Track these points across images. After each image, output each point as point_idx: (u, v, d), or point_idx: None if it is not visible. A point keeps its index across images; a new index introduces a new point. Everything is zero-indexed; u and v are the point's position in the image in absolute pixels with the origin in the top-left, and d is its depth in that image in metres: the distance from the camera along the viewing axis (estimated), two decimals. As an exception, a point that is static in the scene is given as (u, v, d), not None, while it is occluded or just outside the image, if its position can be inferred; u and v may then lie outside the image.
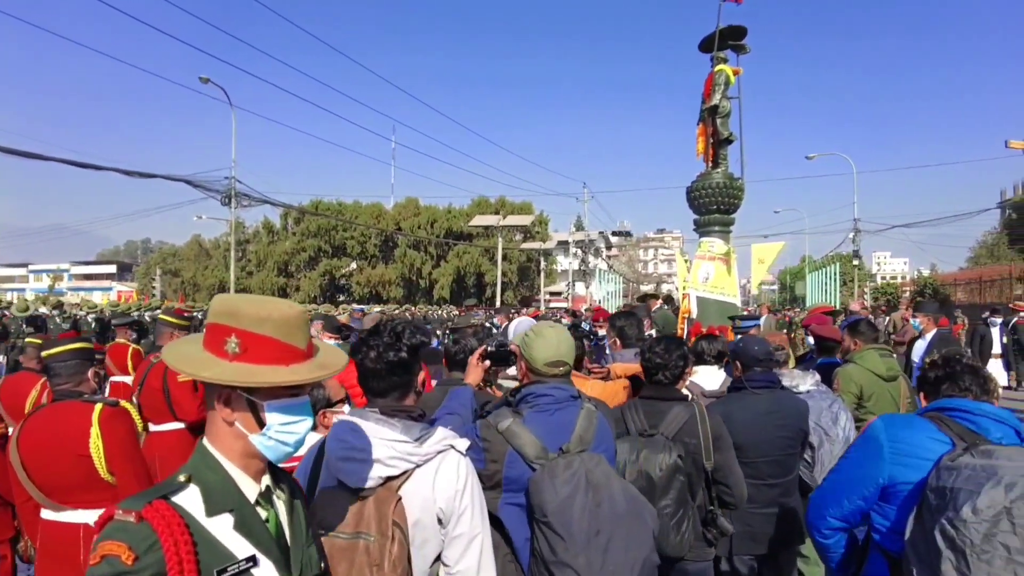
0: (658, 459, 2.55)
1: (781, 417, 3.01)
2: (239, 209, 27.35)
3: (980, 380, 1.87)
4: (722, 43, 10.16)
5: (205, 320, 1.28)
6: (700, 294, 9.76)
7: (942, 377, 1.91)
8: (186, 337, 1.45)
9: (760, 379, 3.08)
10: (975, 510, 1.43)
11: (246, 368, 1.17)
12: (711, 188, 9.83)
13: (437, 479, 1.64)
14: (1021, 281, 27.15)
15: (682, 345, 2.88)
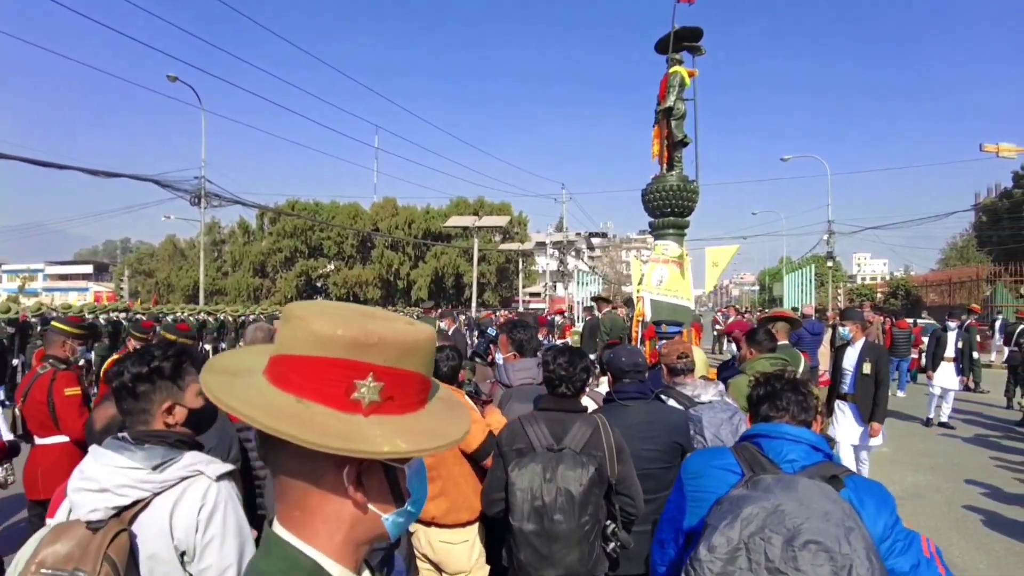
0: (577, 474, 2.46)
1: (651, 429, 2.91)
2: (209, 209, 26.87)
3: (800, 398, 1.77)
4: (677, 44, 10.09)
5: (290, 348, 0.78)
6: (654, 297, 9.70)
7: (763, 397, 1.81)
8: (223, 371, 0.82)
9: (630, 391, 2.97)
10: (710, 547, 1.34)
11: (404, 425, 0.78)
12: (665, 191, 9.76)
13: (176, 509, 1.51)
14: (989, 282, 27.54)
15: (585, 357, 2.79)
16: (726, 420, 3.17)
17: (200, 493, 1.55)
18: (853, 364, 5.84)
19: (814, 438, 1.66)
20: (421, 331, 0.81)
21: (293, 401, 0.75)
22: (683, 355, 3.47)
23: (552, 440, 2.58)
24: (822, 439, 1.69)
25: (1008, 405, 11.19)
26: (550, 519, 2.33)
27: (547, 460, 2.47)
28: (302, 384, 0.75)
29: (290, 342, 0.76)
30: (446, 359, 3.10)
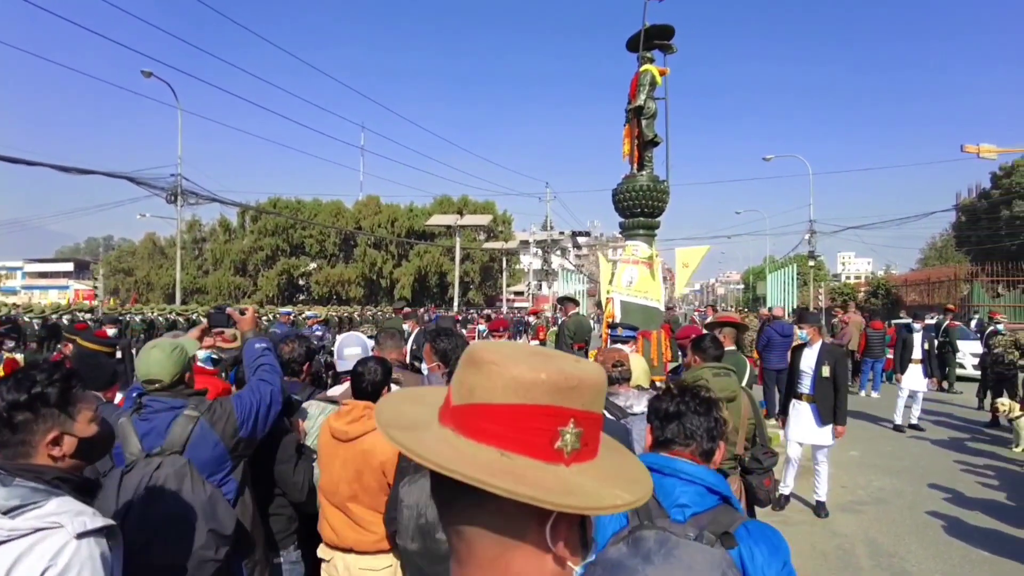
0: None
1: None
2: (186, 207, 26.47)
3: (710, 423, 1.61)
4: (648, 42, 9.98)
5: (485, 397, 0.71)
6: (624, 298, 9.59)
7: (669, 415, 1.62)
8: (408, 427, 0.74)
9: None
10: None
11: (603, 472, 0.73)
12: (636, 191, 9.63)
13: (16, 566, 1.28)
14: (967, 282, 27.74)
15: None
16: (658, 433, 3.03)
17: (52, 551, 1.31)
18: (812, 366, 5.83)
19: (711, 478, 1.51)
20: (600, 369, 0.77)
21: (497, 454, 0.68)
22: (618, 363, 3.33)
23: None
24: (720, 479, 1.53)
25: (979, 406, 11.19)
26: (432, 538, 2.19)
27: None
28: (503, 435, 0.69)
29: (485, 390, 0.70)
30: (370, 373, 2.93)
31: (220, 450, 2.45)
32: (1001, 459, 7.97)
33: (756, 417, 3.52)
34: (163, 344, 2.56)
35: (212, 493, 2.34)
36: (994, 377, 9.98)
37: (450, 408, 0.73)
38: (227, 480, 2.52)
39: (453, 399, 0.73)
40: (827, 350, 5.84)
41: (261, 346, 2.89)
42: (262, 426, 2.63)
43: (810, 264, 36.06)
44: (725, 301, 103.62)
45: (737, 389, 3.46)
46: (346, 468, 2.82)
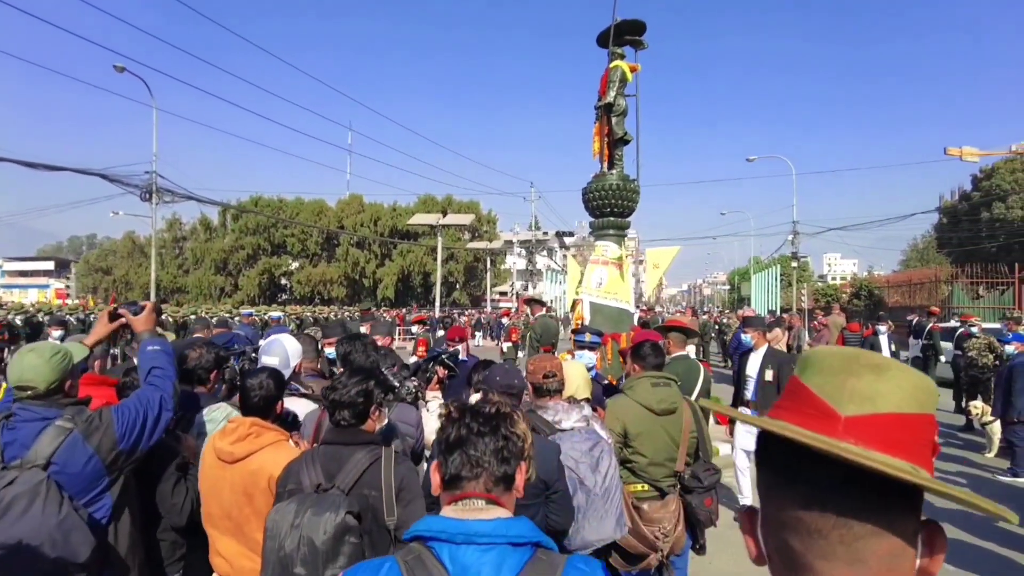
0: (322, 520, 2.05)
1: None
2: (162, 205, 25.94)
3: (500, 440, 1.29)
4: (618, 38, 9.75)
5: (895, 406, 0.67)
6: (593, 300, 9.37)
7: (454, 443, 1.29)
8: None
9: None
10: None
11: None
12: (606, 190, 9.40)
13: None
14: (947, 284, 27.82)
15: (368, 379, 2.38)
16: (585, 452, 2.79)
17: None
18: (756, 371, 5.69)
19: (514, 529, 1.20)
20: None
21: (910, 467, 0.65)
22: (550, 373, 3.07)
23: (323, 478, 2.19)
24: (523, 524, 1.22)
25: (956, 409, 11.06)
26: (290, 572, 1.95)
27: (302, 503, 2.08)
28: (910, 446, 0.67)
29: (892, 398, 0.68)
30: (260, 387, 2.66)
31: (95, 465, 2.24)
32: (974, 465, 7.81)
33: (699, 430, 3.28)
34: (42, 348, 2.38)
35: (66, 516, 2.13)
36: (968, 380, 9.84)
37: (842, 420, 0.67)
38: (101, 498, 2.31)
39: (842, 409, 0.68)
40: (771, 354, 5.68)
41: (154, 348, 2.62)
42: (147, 438, 2.40)
43: (793, 265, 36.01)
44: (712, 301, 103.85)
45: (678, 400, 3.22)
46: (235, 492, 2.56)
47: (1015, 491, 6.87)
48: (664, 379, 3.28)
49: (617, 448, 3.14)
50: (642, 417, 3.15)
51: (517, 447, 1.32)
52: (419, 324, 9.75)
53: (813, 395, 0.70)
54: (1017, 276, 24.45)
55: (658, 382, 3.25)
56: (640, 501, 3.15)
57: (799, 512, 0.68)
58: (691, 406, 3.31)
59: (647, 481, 3.17)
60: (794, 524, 0.69)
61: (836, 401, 0.68)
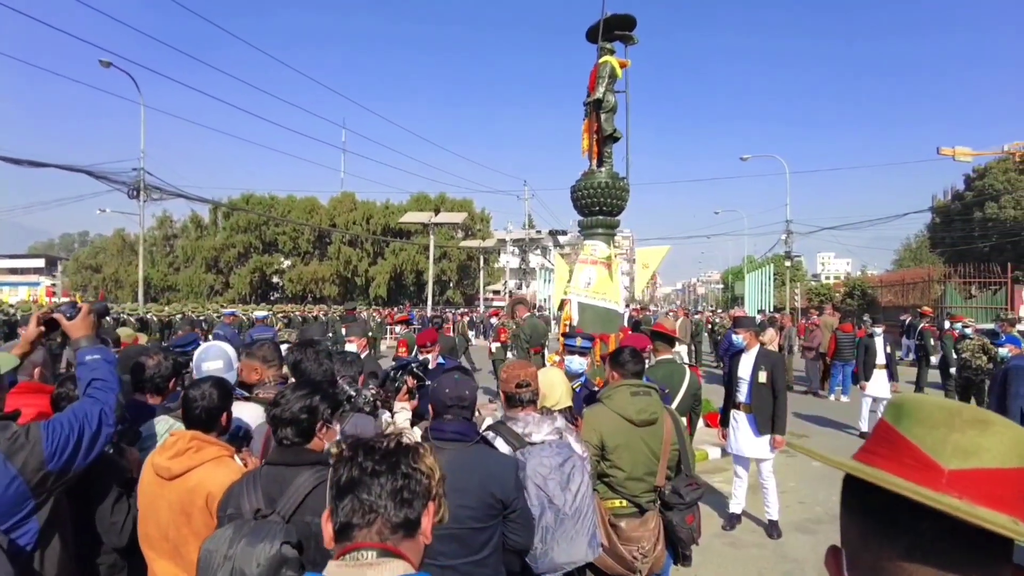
0: (256, 551, 1.85)
1: (465, 480, 2.31)
2: (150, 203, 25.61)
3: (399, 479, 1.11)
4: (608, 33, 9.55)
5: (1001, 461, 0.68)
6: (582, 300, 9.18)
7: (345, 486, 1.12)
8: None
9: (448, 430, 2.38)
10: None
11: None
12: (594, 188, 9.20)
13: None
14: (940, 283, 27.77)
15: (313, 394, 2.18)
16: (555, 468, 2.59)
17: None
18: (749, 373, 5.47)
19: None
20: None
21: (1011, 521, 0.66)
22: (523, 383, 2.87)
23: (263, 503, 1.99)
24: None
25: None
26: None
27: (238, 530, 1.87)
28: (1013, 501, 0.67)
29: (995, 453, 0.68)
30: (203, 398, 2.45)
31: (18, 487, 2.02)
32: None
33: (681, 442, 3.08)
34: None
35: None
36: (961, 383, 9.69)
37: (945, 473, 0.68)
38: (26, 523, 2.09)
39: (945, 462, 0.69)
40: (764, 354, 5.49)
41: (93, 358, 2.40)
42: (83, 456, 2.18)
43: (787, 264, 35.94)
44: (706, 301, 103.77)
45: (658, 410, 3.03)
46: (172, 511, 2.36)
47: None
48: (644, 387, 3.09)
49: (594, 461, 2.95)
50: (620, 428, 2.96)
51: (421, 486, 1.13)
52: (402, 324, 9.51)
53: (914, 447, 0.71)
54: (1010, 276, 24.42)
55: (638, 391, 3.06)
56: (617, 518, 2.95)
57: (899, 561, 0.69)
58: (672, 416, 3.12)
59: (625, 497, 2.98)
60: (892, 571, 0.70)
61: (939, 455, 0.69)
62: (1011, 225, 34.18)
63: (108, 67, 23.29)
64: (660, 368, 4.80)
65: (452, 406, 2.42)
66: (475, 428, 2.47)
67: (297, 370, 2.92)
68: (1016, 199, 34.61)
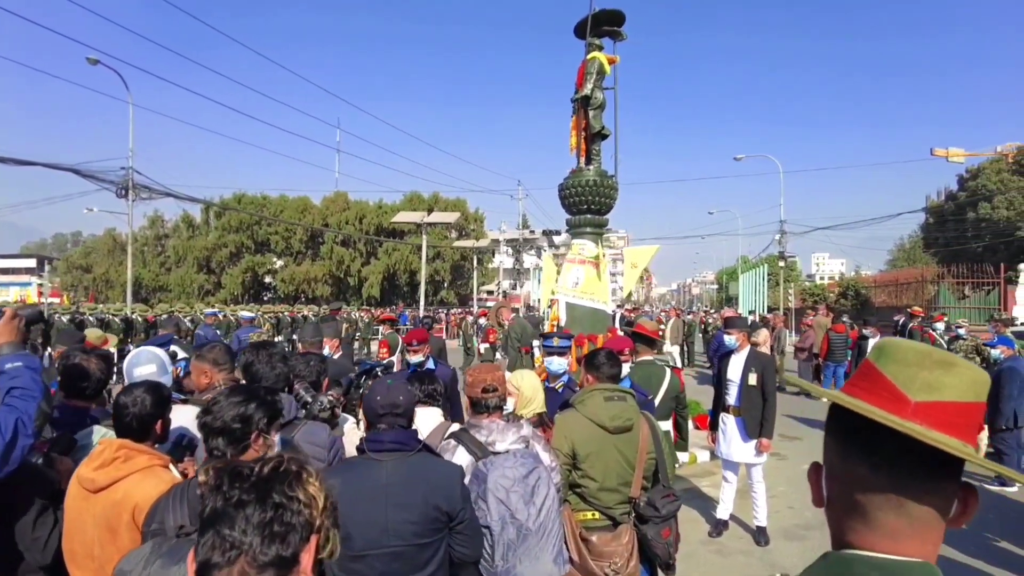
0: (171, 572, 1.66)
1: (407, 493, 2.13)
2: (137, 202, 25.32)
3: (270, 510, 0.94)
4: (596, 29, 9.38)
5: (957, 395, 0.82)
6: (570, 300, 9.02)
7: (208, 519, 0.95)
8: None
9: (385, 440, 2.18)
10: None
11: None
12: (583, 186, 9.03)
13: None
14: (934, 284, 27.72)
15: (248, 400, 2.00)
16: (519, 480, 2.41)
17: None
18: (739, 375, 5.28)
19: None
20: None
21: (960, 444, 0.79)
22: (490, 387, 2.68)
23: (188, 519, 1.82)
24: None
25: None
26: None
27: (155, 549, 1.69)
28: (964, 429, 0.81)
29: (955, 389, 0.82)
30: (135, 404, 2.26)
31: None
32: (965, 473, 7.52)
33: (658, 451, 2.91)
34: None
35: None
36: (955, 384, 9.56)
37: (912, 404, 0.81)
38: None
39: (913, 395, 0.81)
40: (754, 356, 5.32)
41: (14, 365, 2.21)
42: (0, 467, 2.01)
43: (780, 265, 35.87)
44: (701, 301, 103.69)
45: (634, 416, 2.85)
46: (98, 526, 2.18)
47: (1002, 500, 6.58)
48: (619, 392, 2.91)
49: (564, 471, 2.78)
50: (593, 435, 2.78)
51: (298, 517, 0.95)
52: (386, 324, 9.30)
53: (888, 381, 0.83)
54: (1003, 276, 24.38)
55: (612, 395, 2.88)
56: (589, 532, 2.77)
57: (868, 473, 0.83)
58: (649, 423, 2.94)
59: (598, 508, 2.80)
60: (860, 480, 0.83)
61: (908, 389, 0.81)
62: (1004, 225, 34.18)
63: (96, 64, 23.03)
64: (639, 370, 4.64)
65: (385, 414, 2.22)
66: (415, 436, 2.28)
67: (248, 373, 2.73)
68: (1009, 199, 34.61)
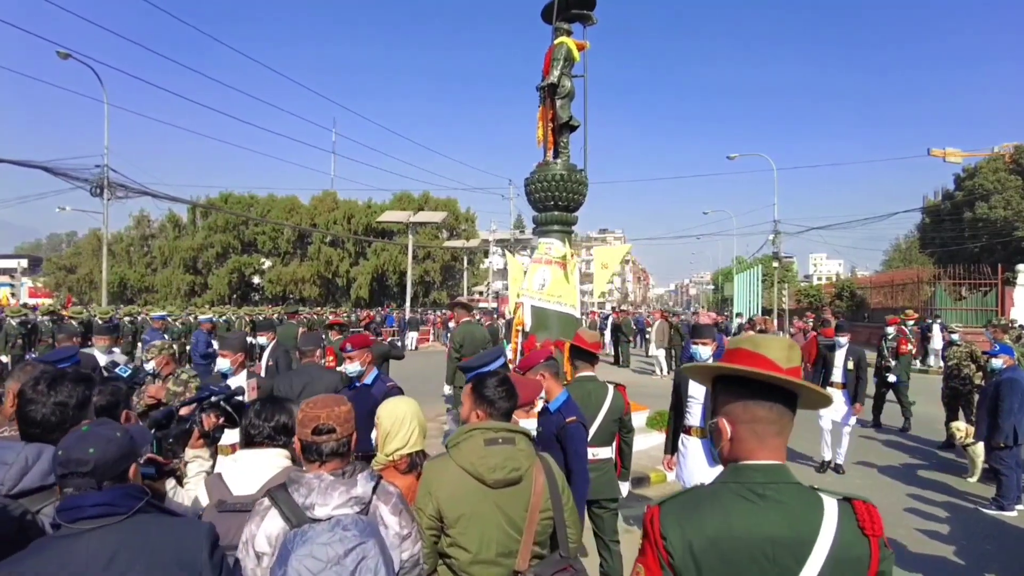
0: None
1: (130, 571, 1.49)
2: (113, 201, 24.61)
3: None
4: (564, 12, 8.73)
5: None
6: (536, 303, 8.37)
7: None
8: None
9: (88, 505, 1.51)
10: None
11: None
12: (549, 181, 8.38)
13: None
14: (930, 284, 27.07)
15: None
16: (333, 561, 1.75)
17: None
18: (703, 391, 4.54)
19: None
20: None
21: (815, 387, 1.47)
22: (325, 428, 2.02)
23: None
24: None
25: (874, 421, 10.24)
26: None
27: None
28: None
29: (796, 359, 1.44)
30: None
31: None
32: (954, 492, 6.86)
33: (555, 507, 2.24)
34: None
35: None
36: (948, 392, 8.91)
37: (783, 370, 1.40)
38: None
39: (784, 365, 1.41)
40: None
41: None
42: None
43: (774, 265, 35.21)
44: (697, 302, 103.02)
45: (524, 464, 2.19)
46: None
47: (1001, 526, 5.93)
48: (507, 433, 2.25)
49: (430, 539, 2.13)
50: (467, 491, 2.12)
51: None
52: (334, 329, 8.60)
53: (768, 359, 1.39)
54: (1000, 277, 23.74)
55: (496, 438, 2.22)
56: (460, 619, 2.11)
57: (765, 412, 1.38)
58: (547, 471, 2.28)
59: (472, 586, 2.14)
60: (760, 419, 1.38)
61: (780, 362, 1.39)
62: (1001, 225, 33.56)
63: (67, 58, 22.32)
64: (576, 387, 3.99)
65: (67, 475, 1.56)
66: (134, 492, 1.62)
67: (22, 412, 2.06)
68: (1006, 199, 33.98)
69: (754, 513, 1.27)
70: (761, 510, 1.28)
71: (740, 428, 1.35)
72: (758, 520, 1.27)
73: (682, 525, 1.28)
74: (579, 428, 3.37)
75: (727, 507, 1.28)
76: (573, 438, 3.26)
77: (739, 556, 1.25)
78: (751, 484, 1.30)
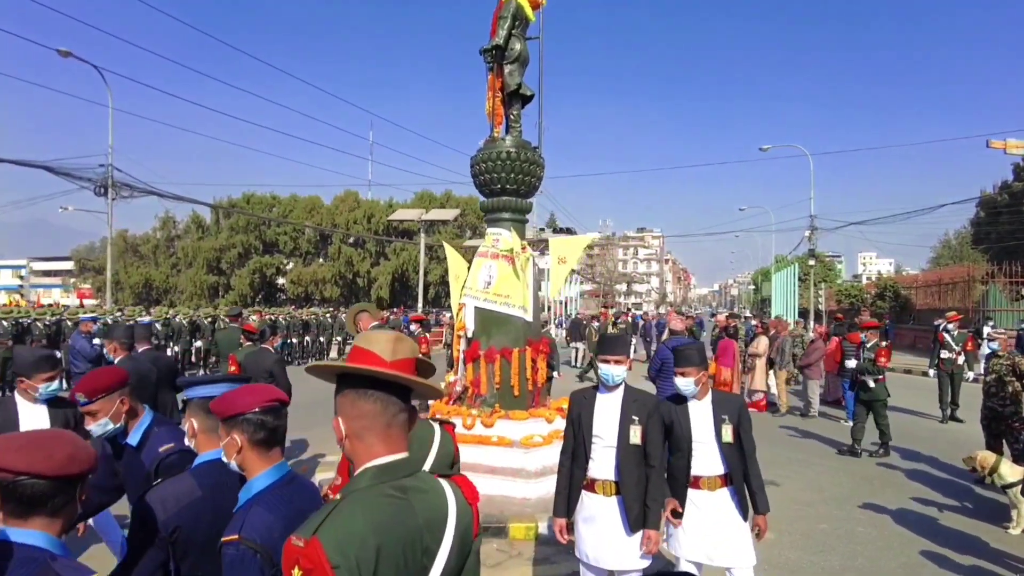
0: None
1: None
2: (117, 200, 24.27)
3: None
4: (517, -37, 7.44)
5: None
6: (479, 303, 7.12)
7: None
8: None
9: None
10: None
11: None
12: (498, 160, 7.11)
13: None
14: (983, 283, 24.68)
15: None
16: None
17: None
18: (709, 430, 3.33)
19: None
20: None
21: (416, 380, 1.49)
22: None
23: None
24: None
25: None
26: None
27: None
28: (410, 371, 1.48)
29: (403, 351, 1.47)
30: None
31: None
32: (987, 554, 5.25)
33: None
34: None
35: None
36: (987, 414, 7.29)
37: (388, 363, 1.41)
38: None
39: (389, 359, 1.42)
40: (721, 403, 3.36)
41: None
42: None
43: (810, 263, 32.99)
44: (739, 302, 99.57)
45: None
46: None
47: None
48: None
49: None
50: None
51: None
52: (243, 335, 7.47)
53: (376, 355, 1.40)
54: (1063, 275, 21.34)
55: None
56: None
57: (374, 406, 1.36)
58: None
59: None
60: (360, 412, 1.36)
61: (385, 355, 1.40)
62: (1065, 218, 30.70)
63: (67, 56, 22.02)
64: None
65: None
66: None
67: None
68: (1071, 190, 31.09)
69: (405, 509, 1.32)
70: (409, 505, 1.32)
71: (352, 424, 1.36)
72: (411, 513, 1.32)
73: (346, 546, 1.20)
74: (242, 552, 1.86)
75: (382, 511, 1.28)
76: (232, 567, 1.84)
77: (400, 550, 1.28)
78: (392, 483, 1.32)
